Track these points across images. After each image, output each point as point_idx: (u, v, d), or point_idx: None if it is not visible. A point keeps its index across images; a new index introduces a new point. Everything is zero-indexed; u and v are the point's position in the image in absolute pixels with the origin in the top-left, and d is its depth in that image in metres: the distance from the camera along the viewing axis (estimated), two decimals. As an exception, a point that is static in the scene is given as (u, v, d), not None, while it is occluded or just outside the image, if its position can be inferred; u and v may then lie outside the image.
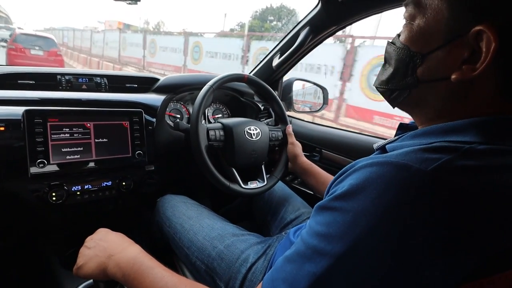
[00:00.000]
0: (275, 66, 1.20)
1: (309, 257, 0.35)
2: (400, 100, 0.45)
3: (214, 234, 0.76)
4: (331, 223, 0.34)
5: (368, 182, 0.33)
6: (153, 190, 1.00)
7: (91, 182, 0.86)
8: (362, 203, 0.33)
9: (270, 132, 0.97)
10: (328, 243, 0.33)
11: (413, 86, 0.42)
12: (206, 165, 0.83)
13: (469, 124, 0.36)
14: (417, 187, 0.31)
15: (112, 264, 0.51)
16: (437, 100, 0.41)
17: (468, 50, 0.35)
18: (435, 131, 0.39)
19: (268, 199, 1.00)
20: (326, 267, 0.33)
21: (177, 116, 1.13)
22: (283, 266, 0.38)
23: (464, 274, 0.32)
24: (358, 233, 0.32)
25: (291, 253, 0.38)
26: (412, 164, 0.32)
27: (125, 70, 10.23)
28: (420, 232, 0.30)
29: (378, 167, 0.34)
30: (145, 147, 0.92)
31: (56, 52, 8.05)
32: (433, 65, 0.39)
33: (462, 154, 0.32)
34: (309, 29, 1.07)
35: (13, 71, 0.87)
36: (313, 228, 0.36)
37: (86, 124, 0.83)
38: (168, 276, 0.47)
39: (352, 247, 0.32)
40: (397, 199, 0.31)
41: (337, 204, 0.35)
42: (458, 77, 0.36)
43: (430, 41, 0.39)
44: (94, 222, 1.04)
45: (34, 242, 1.00)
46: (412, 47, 0.41)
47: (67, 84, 0.93)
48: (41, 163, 0.76)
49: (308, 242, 0.36)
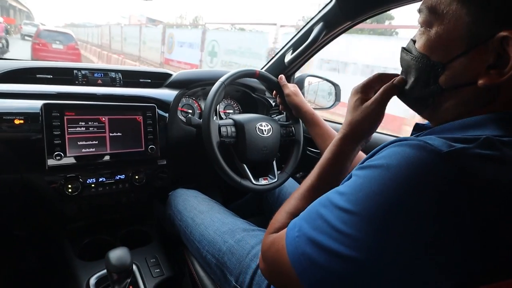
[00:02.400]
0: (287, 62, 1.19)
1: (324, 204, 0.40)
2: (424, 107, 0.45)
3: (224, 228, 0.77)
4: (349, 184, 0.37)
5: (387, 158, 0.35)
6: (165, 184, 1.01)
7: (105, 175, 0.88)
8: (379, 172, 0.34)
9: (281, 129, 0.97)
10: (340, 197, 0.37)
11: (437, 94, 0.41)
12: (218, 161, 0.83)
13: (488, 119, 0.36)
14: (431, 166, 0.31)
15: None
16: (461, 104, 0.40)
17: (493, 55, 0.35)
18: (453, 128, 0.38)
19: (279, 195, 1.00)
20: (335, 216, 0.36)
21: (189, 111, 1.14)
22: (305, 212, 0.43)
23: (472, 272, 0.31)
24: (369, 191, 0.34)
25: (314, 203, 0.43)
26: (429, 144, 0.32)
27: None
28: (430, 210, 0.30)
29: (398, 146, 0.35)
30: (157, 142, 0.93)
31: (74, 46, 8.98)
32: (456, 72, 0.38)
33: (481, 143, 0.32)
34: (322, 24, 1.05)
35: (31, 65, 0.90)
36: (337, 188, 0.40)
37: (101, 118, 0.84)
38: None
39: (361, 204, 0.34)
40: (410, 175, 0.32)
41: (361, 172, 0.37)
42: (485, 82, 0.35)
43: (451, 49, 0.38)
44: (108, 214, 1.07)
45: (50, 233, 1.03)
46: (432, 56, 0.40)
47: (83, 78, 0.95)
48: (58, 156, 0.78)
49: (329, 195, 0.40)
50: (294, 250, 0.40)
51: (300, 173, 1.34)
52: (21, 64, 0.88)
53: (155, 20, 28.82)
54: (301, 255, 0.38)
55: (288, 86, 0.93)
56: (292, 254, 0.40)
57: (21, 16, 33.42)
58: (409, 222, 0.31)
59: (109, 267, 0.63)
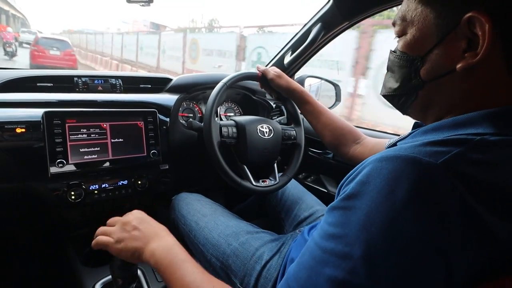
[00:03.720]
0: (286, 64, 1.19)
1: (327, 261, 0.33)
2: (409, 104, 0.46)
3: (228, 231, 0.77)
4: (345, 223, 0.33)
5: (378, 178, 0.33)
6: (168, 189, 1.01)
7: (108, 181, 0.88)
8: (375, 199, 0.32)
9: (283, 132, 0.97)
10: (345, 244, 0.32)
11: (419, 87, 0.43)
12: (218, 160, 0.83)
13: (480, 116, 0.36)
14: (428, 180, 0.31)
15: (148, 251, 0.52)
16: (445, 96, 0.41)
17: (465, 39, 0.37)
18: (446, 126, 0.38)
19: (282, 197, 1.00)
20: (348, 269, 0.31)
21: (190, 115, 1.14)
22: (299, 273, 0.36)
23: (477, 270, 0.31)
24: (374, 231, 0.31)
25: (306, 259, 0.36)
26: (421, 157, 0.31)
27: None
28: (435, 226, 0.30)
29: (387, 162, 0.33)
30: (159, 147, 0.93)
31: (70, 52, 9.60)
32: (434, 63, 0.40)
33: (474, 145, 0.32)
34: (320, 25, 1.06)
35: (32, 74, 0.90)
36: (327, 231, 0.35)
37: (102, 125, 0.85)
38: (198, 272, 0.47)
39: (370, 247, 0.31)
40: (409, 194, 0.30)
41: (350, 203, 0.34)
42: (463, 65, 0.37)
43: (426, 44, 0.41)
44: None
45: (55, 240, 1.04)
46: (411, 52, 0.43)
47: (83, 85, 0.95)
48: (60, 163, 0.78)
49: (324, 246, 0.34)
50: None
51: (303, 174, 1.34)
52: (21, 73, 0.89)
53: (159, 25, 27.93)
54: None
55: (268, 71, 0.91)
56: None
57: (15, 22, 33.48)
58: (422, 239, 0.30)
59: (114, 273, 0.63)
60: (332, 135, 0.85)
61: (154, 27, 25.12)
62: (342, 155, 0.85)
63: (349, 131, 0.84)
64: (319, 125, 0.88)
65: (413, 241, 0.30)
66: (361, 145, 0.81)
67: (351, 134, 0.84)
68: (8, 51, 11.06)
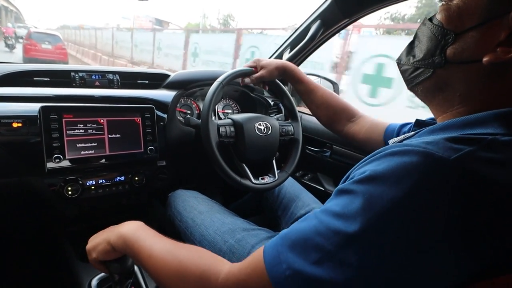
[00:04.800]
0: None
1: (320, 231, 0.34)
2: (420, 80, 0.44)
3: (225, 228, 0.77)
4: (347, 204, 0.34)
5: (389, 171, 0.33)
6: (165, 185, 1.01)
7: (105, 177, 0.87)
8: (380, 188, 0.32)
9: (280, 128, 0.97)
10: (342, 222, 0.33)
11: (439, 65, 0.41)
12: (218, 161, 0.83)
13: (491, 116, 0.35)
14: (439, 174, 0.30)
15: (114, 234, 0.53)
16: (463, 84, 0.39)
17: (506, 31, 0.35)
18: (455, 125, 0.37)
19: (279, 194, 1.00)
20: (338, 245, 0.32)
21: (187, 112, 1.14)
22: (289, 234, 0.37)
23: (478, 268, 0.31)
24: (372, 215, 0.31)
25: (301, 225, 0.37)
26: (434, 152, 0.31)
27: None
28: (438, 219, 0.30)
29: (400, 156, 0.33)
30: (156, 143, 0.93)
31: (61, 46, 10.14)
32: (466, 45, 0.38)
33: (485, 145, 0.32)
34: (320, 22, 1.05)
35: (28, 68, 0.89)
36: (329, 208, 0.36)
37: (99, 120, 0.84)
38: (167, 240, 0.48)
39: (364, 229, 0.31)
40: (417, 185, 0.30)
41: (355, 187, 0.34)
42: (490, 59, 0.35)
43: (466, 21, 0.38)
44: (109, 216, 1.07)
45: (52, 235, 1.03)
46: (447, 25, 0.40)
47: (80, 81, 0.94)
48: (57, 158, 0.78)
49: (322, 219, 0.35)
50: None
51: (300, 171, 1.34)
52: (18, 67, 0.88)
53: (163, 21, 26.29)
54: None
55: (258, 60, 0.90)
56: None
57: (8, 16, 32.88)
58: (421, 233, 0.30)
59: (110, 268, 0.63)
60: (326, 113, 0.86)
61: (157, 23, 24.24)
62: (336, 132, 0.86)
63: (343, 109, 0.84)
64: (313, 104, 0.88)
65: (410, 232, 0.31)
66: (356, 124, 0.82)
67: (345, 112, 0.84)
68: (9, 44, 12.54)
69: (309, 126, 1.26)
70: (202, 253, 0.45)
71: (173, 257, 0.44)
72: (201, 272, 0.41)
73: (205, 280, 0.40)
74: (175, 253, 0.45)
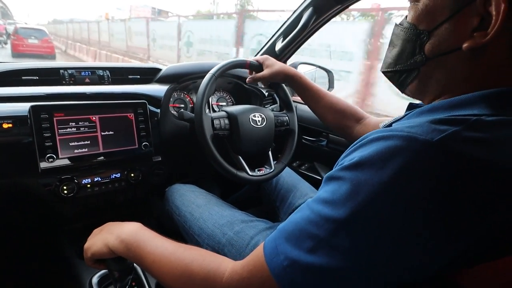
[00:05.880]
0: (278, 50, 1.17)
1: (312, 220, 0.35)
2: (409, 81, 0.45)
3: (223, 221, 0.77)
4: (336, 191, 0.35)
5: (374, 156, 0.33)
6: (162, 180, 1.01)
7: (100, 174, 0.87)
8: (366, 173, 0.33)
9: (275, 118, 0.96)
10: (331, 209, 0.34)
11: (421, 63, 0.42)
12: (213, 154, 0.83)
13: (477, 97, 0.36)
14: (423, 157, 0.31)
15: (113, 237, 0.52)
16: (447, 74, 0.40)
17: (477, 17, 0.35)
18: (442, 107, 0.38)
19: (276, 185, 1.00)
20: (329, 231, 0.33)
21: (181, 106, 1.12)
22: (285, 226, 0.38)
23: (466, 252, 0.32)
24: (360, 200, 0.32)
25: (296, 217, 0.38)
26: (418, 135, 0.32)
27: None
28: (424, 202, 0.30)
29: (384, 140, 0.34)
30: (151, 138, 0.92)
31: (47, 40, 10.56)
32: (441, 38, 0.39)
33: (470, 125, 0.32)
34: (312, 10, 1.03)
35: (16, 67, 0.87)
36: (319, 196, 0.37)
37: (91, 118, 0.83)
38: (168, 242, 0.49)
39: (353, 214, 0.32)
40: (401, 169, 0.31)
41: (343, 174, 0.35)
42: (470, 45, 0.36)
43: (436, 17, 0.39)
44: (106, 213, 1.06)
45: (50, 234, 1.03)
46: (419, 25, 0.41)
47: (70, 78, 0.93)
48: (50, 158, 0.77)
49: (313, 208, 0.36)
50: (290, 284, 0.35)
51: (297, 162, 1.34)
52: (5, 67, 0.86)
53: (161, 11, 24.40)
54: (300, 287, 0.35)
55: (259, 76, 0.90)
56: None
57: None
58: (409, 216, 0.31)
59: (110, 265, 0.63)
60: (334, 118, 0.85)
61: (155, 13, 23.04)
62: (346, 136, 0.85)
63: (351, 112, 0.83)
64: (320, 110, 0.87)
65: (397, 215, 0.31)
66: (364, 124, 0.81)
67: (353, 115, 0.83)
68: (1, 40, 13.09)
69: (304, 115, 1.25)
70: (205, 254, 0.46)
71: (177, 261, 0.45)
72: (206, 273, 0.42)
73: (211, 281, 0.41)
74: (179, 256, 0.45)
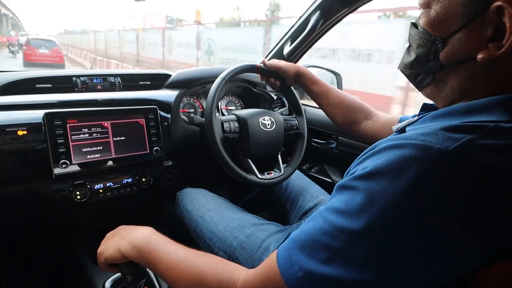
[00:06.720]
0: (286, 54, 1.18)
1: (326, 231, 0.35)
2: (425, 84, 0.45)
3: (234, 224, 0.77)
4: (349, 201, 0.34)
5: (388, 166, 0.33)
6: (172, 185, 1.01)
7: (112, 179, 0.88)
8: (381, 184, 0.32)
9: (285, 122, 0.96)
10: (346, 219, 0.33)
11: (436, 70, 0.41)
12: (223, 157, 0.83)
13: (493, 102, 0.35)
14: (439, 167, 0.30)
15: (126, 243, 0.52)
16: (462, 82, 0.39)
17: (492, 27, 0.34)
18: (458, 111, 0.37)
19: (286, 188, 1.00)
20: (344, 242, 0.33)
21: (191, 111, 1.13)
22: (298, 236, 0.38)
23: (483, 257, 0.31)
24: (375, 211, 0.31)
25: (309, 226, 0.38)
26: (433, 144, 0.31)
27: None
28: (440, 212, 0.30)
29: (398, 149, 0.33)
30: (162, 143, 0.93)
31: (57, 50, 11.37)
32: (456, 47, 0.38)
33: (487, 132, 0.31)
34: (319, 13, 1.04)
35: (30, 76, 0.90)
36: (332, 205, 0.36)
37: (103, 124, 0.84)
38: (181, 248, 0.48)
39: (368, 225, 0.32)
40: (417, 180, 0.30)
41: (356, 184, 0.35)
42: (484, 56, 0.35)
43: (450, 25, 0.38)
44: (119, 218, 1.07)
45: (63, 239, 1.05)
46: (433, 31, 0.40)
47: (82, 85, 0.95)
48: (64, 164, 0.78)
49: (327, 217, 0.36)
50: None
51: (307, 164, 1.33)
52: (19, 75, 0.88)
53: (175, 19, 23.57)
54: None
55: (276, 63, 0.89)
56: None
57: (5, 23, 32.81)
58: (426, 226, 0.30)
59: (123, 270, 0.64)
60: (342, 113, 0.84)
61: (170, 22, 22.36)
62: (353, 133, 0.84)
63: (359, 108, 0.83)
64: (328, 106, 0.86)
65: (413, 226, 0.31)
66: (372, 121, 0.80)
67: (361, 111, 0.82)
68: (13, 51, 14.43)
69: (313, 118, 1.25)
70: (218, 261, 0.46)
71: (190, 268, 0.45)
72: (219, 282, 0.42)
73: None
74: (192, 264, 0.45)
